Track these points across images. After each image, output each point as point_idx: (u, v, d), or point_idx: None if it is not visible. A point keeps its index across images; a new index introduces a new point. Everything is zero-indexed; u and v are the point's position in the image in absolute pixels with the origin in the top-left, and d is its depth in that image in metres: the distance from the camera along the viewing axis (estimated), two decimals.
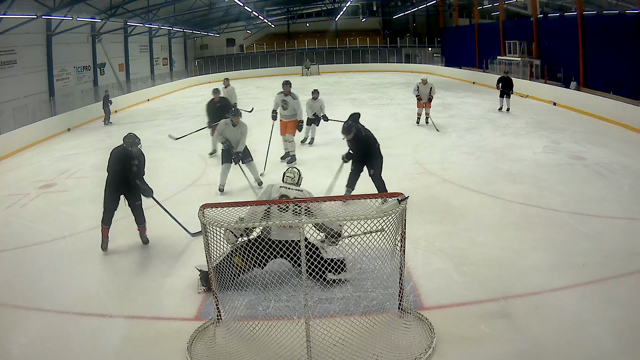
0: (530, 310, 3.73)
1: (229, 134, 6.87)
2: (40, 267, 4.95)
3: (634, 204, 5.92)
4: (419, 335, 3.42)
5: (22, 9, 12.94)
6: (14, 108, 13.13)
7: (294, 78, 28.37)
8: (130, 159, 5.11)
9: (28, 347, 3.58)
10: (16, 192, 7.84)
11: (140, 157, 5.21)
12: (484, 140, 9.98)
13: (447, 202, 6.32)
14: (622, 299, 3.82)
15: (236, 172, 7.13)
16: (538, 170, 7.57)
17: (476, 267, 4.46)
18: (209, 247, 3.47)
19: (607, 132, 10.61)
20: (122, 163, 5.04)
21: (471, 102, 15.85)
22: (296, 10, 32.99)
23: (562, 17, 18.31)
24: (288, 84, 8.49)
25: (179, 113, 16.50)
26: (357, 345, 3.25)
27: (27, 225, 6.27)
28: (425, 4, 27.90)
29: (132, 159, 5.12)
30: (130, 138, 5.13)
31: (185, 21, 26.05)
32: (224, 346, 3.41)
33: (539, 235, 5.12)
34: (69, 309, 4.06)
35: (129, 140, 5.12)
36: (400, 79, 25.12)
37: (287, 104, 8.38)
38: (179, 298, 4.17)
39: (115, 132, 13.19)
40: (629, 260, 4.45)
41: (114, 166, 5.07)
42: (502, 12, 23.20)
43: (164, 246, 5.26)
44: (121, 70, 22.56)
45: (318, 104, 9.64)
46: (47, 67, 16.42)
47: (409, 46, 34.06)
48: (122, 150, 5.11)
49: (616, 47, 14.49)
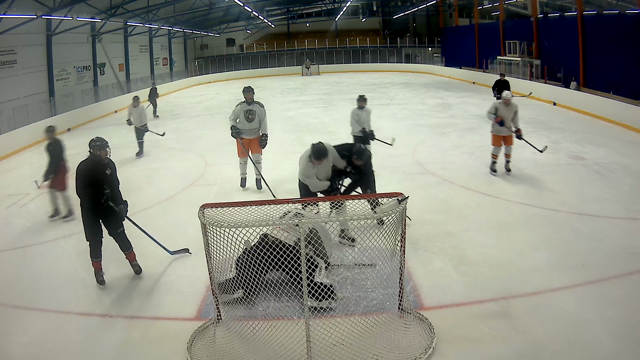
0: (530, 310, 3.72)
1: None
2: (40, 267, 4.95)
3: (634, 204, 5.92)
4: (419, 335, 3.41)
5: (22, 9, 12.94)
6: (14, 108, 13.13)
7: (294, 78, 28.48)
8: (102, 171, 4.41)
9: (28, 347, 3.57)
10: (16, 192, 7.84)
11: (111, 165, 4.55)
12: (484, 140, 9.95)
13: (447, 202, 6.32)
14: (622, 299, 3.82)
15: (238, 173, 7.13)
16: (538, 170, 7.57)
17: (476, 267, 4.46)
18: (209, 247, 3.47)
19: (607, 132, 10.60)
20: (94, 182, 4.33)
21: (471, 102, 15.85)
22: (296, 10, 33.04)
23: (562, 17, 18.31)
24: (251, 90, 6.84)
25: (179, 113, 16.49)
26: (357, 345, 3.25)
27: (27, 225, 6.27)
28: (425, 4, 27.91)
29: (104, 170, 4.42)
30: (98, 141, 4.42)
31: (185, 21, 26.06)
32: (224, 346, 3.40)
33: (539, 235, 5.12)
34: (69, 309, 4.06)
35: (96, 143, 4.40)
36: (401, 79, 25.13)
37: (253, 114, 6.79)
38: (179, 298, 4.17)
39: (115, 132, 13.20)
40: (629, 260, 4.44)
41: (86, 190, 4.32)
42: (502, 12, 23.20)
43: (165, 245, 5.25)
44: (121, 70, 22.56)
45: (367, 115, 7.51)
46: (47, 67, 16.43)
47: (409, 46, 34.10)
48: (90, 164, 4.38)
49: (616, 47, 14.48)
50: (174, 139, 11.50)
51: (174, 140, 11.43)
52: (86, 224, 4.42)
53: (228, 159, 9.28)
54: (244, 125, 6.82)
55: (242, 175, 7.25)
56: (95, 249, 4.46)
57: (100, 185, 4.35)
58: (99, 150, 4.39)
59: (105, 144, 4.44)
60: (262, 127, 6.87)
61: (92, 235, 4.43)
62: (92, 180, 4.32)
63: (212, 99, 20.24)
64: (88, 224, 4.41)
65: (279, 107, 16.50)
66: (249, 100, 6.81)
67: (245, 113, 6.79)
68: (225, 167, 8.63)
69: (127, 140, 11.70)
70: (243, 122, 6.81)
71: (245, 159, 7.06)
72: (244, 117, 6.80)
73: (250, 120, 6.80)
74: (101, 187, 4.36)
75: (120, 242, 4.58)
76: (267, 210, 3.55)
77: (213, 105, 18.37)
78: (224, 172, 8.28)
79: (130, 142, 10.26)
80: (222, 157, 9.40)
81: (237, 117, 6.82)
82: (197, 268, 4.60)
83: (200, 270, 4.52)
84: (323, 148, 4.73)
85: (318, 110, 15.35)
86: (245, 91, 6.85)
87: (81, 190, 4.34)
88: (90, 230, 4.42)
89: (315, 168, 4.84)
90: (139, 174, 8.12)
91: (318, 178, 4.91)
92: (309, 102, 17.55)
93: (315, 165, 4.80)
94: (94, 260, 4.50)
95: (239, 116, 6.81)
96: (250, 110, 6.79)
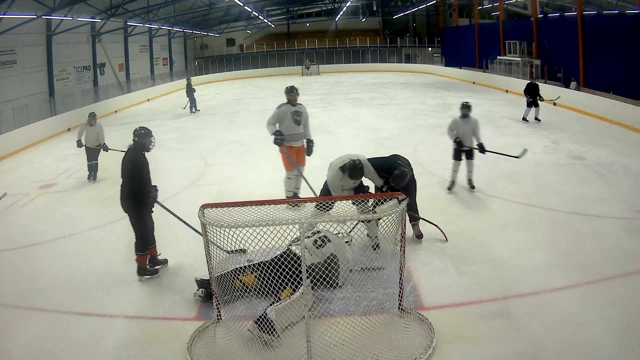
0: (530, 310, 3.73)
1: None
2: (40, 267, 4.95)
3: (634, 204, 5.92)
4: (419, 335, 3.41)
5: (22, 9, 12.94)
6: (14, 108, 13.13)
7: (294, 78, 28.48)
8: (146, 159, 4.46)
9: (28, 347, 3.57)
10: (16, 192, 7.84)
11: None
12: (484, 140, 9.97)
13: (447, 202, 6.32)
14: (622, 299, 3.82)
15: (238, 173, 7.11)
16: (538, 170, 7.57)
17: (476, 267, 4.46)
18: (208, 247, 3.47)
19: (607, 132, 10.61)
20: (148, 167, 4.39)
21: (471, 102, 15.81)
22: (296, 10, 33.05)
23: (562, 17, 18.31)
24: (295, 90, 6.04)
25: (179, 113, 16.49)
26: (357, 345, 3.25)
27: (27, 225, 6.26)
28: (425, 4, 27.92)
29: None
30: (142, 129, 4.49)
31: (185, 21, 26.06)
32: (224, 346, 3.40)
33: (539, 235, 5.12)
34: (69, 309, 4.06)
35: (141, 132, 4.45)
36: (400, 79, 25.13)
37: (300, 116, 6.00)
38: (179, 298, 4.17)
39: (115, 132, 13.20)
40: (629, 260, 4.45)
41: (146, 176, 4.34)
42: (502, 12, 23.20)
43: (164, 246, 5.25)
44: (121, 70, 22.56)
45: (473, 125, 6.65)
46: (47, 67, 16.42)
47: (409, 46, 34.11)
48: (140, 152, 4.42)
49: (616, 47, 14.49)
50: (174, 139, 11.51)
51: (174, 140, 11.44)
52: (146, 212, 4.40)
53: (228, 159, 9.31)
54: (290, 129, 5.92)
55: (295, 190, 6.19)
56: (151, 235, 4.53)
57: (149, 172, 4.44)
58: (144, 138, 4.46)
59: (150, 132, 4.52)
60: (307, 131, 6.10)
61: (151, 222, 4.51)
62: (147, 166, 4.40)
63: (212, 99, 20.25)
64: (148, 211, 4.43)
65: None
66: (294, 102, 6.03)
67: (293, 115, 5.93)
68: (225, 167, 8.64)
69: (127, 140, 11.70)
70: (290, 126, 5.91)
71: (294, 171, 6.05)
72: (292, 120, 5.92)
73: (298, 124, 5.97)
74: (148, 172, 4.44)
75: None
76: (267, 211, 3.55)
77: (213, 105, 18.38)
78: (224, 172, 8.29)
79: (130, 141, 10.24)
80: (222, 157, 9.41)
81: (282, 120, 5.91)
82: (197, 268, 4.61)
83: (200, 270, 4.54)
84: (360, 169, 4.54)
85: (318, 110, 15.34)
86: (290, 91, 6.02)
87: (139, 179, 4.33)
88: (149, 218, 4.48)
89: (343, 180, 4.67)
90: None
91: (343, 188, 4.72)
92: (309, 102, 17.49)
93: (344, 178, 4.66)
94: (150, 248, 4.53)
95: (284, 119, 5.91)
96: (298, 112, 5.98)
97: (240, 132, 12.19)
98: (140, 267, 4.55)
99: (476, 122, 6.71)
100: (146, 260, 4.57)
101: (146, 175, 4.41)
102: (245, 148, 10.22)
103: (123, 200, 4.45)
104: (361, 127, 12.04)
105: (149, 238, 4.53)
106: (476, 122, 6.71)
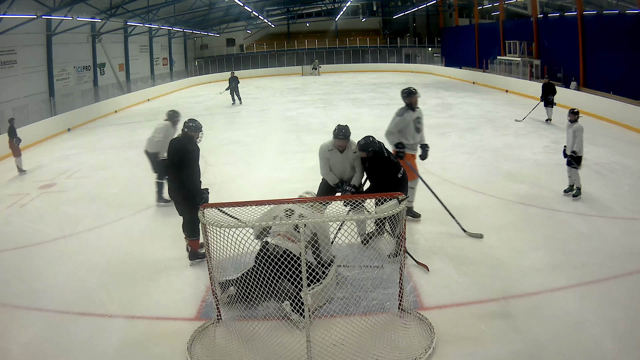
0: (530, 310, 3.72)
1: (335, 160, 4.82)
2: (40, 267, 4.95)
3: (634, 204, 5.92)
4: (419, 335, 3.41)
5: (22, 9, 12.95)
6: (14, 108, 13.12)
7: (294, 78, 28.49)
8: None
9: (28, 347, 3.57)
10: (16, 192, 7.84)
11: None
12: (484, 140, 9.98)
13: (447, 202, 6.30)
14: (622, 299, 3.82)
15: (238, 173, 7.11)
16: (538, 170, 7.57)
17: (476, 267, 4.46)
18: (208, 247, 3.47)
19: (607, 132, 10.60)
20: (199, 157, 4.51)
21: (471, 102, 15.85)
22: (296, 10, 33.06)
23: (562, 17, 18.31)
24: (415, 92, 5.37)
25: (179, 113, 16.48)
26: (357, 345, 3.25)
27: (27, 225, 6.27)
28: (425, 4, 27.91)
29: None
30: (192, 122, 4.61)
31: (185, 21, 26.06)
32: (224, 346, 3.40)
33: (539, 235, 5.11)
34: (69, 309, 4.06)
35: (192, 124, 4.57)
36: (401, 79, 25.11)
37: (420, 122, 5.42)
38: (179, 298, 4.17)
39: (115, 132, 13.22)
40: (629, 260, 4.44)
41: (198, 162, 4.45)
42: (502, 12, 23.21)
43: (164, 246, 5.26)
44: (121, 70, 22.57)
45: (574, 132, 6.16)
46: (47, 67, 16.44)
47: (409, 46, 34.10)
48: (193, 141, 4.55)
49: (616, 47, 14.48)
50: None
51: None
52: (199, 202, 4.31)
53: (228, 159, 9.30)
54: (412, 137, 5.32)
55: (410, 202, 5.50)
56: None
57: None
58: (193, 131, 4.56)
59: (200, 126, 4.65)
60: (422, 136, 5.50)
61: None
62: (198, 157, 4.50)
63: (212, 99, 20.25)
64: (200, 201, 4.37)
65: (279, 107, 16.51)
66: (415, 105, 5.37)
67: (415, 122, 5.31)
68: (225, 167, 8.63)
69: (127, 140, 11.72)
70: (412, 134, 5.32)
71: (417, 180, 5.45)
72: (414, 128, 5.32)
73: (419, 131, 5.38)
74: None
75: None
76: (267, 211, 3.55)
77: (213, 105, 18.38)
78: (224, 172, 8.28)
79: (130, 141, 10.27)
80: (222, 157, 9.40)
81: (404, 128, 5.27)
82: (197, 268, 4.61)
83: (201, 270, 4.54)
84: (344, 126, 4.55)
85: (318, 110, 15.35)
86: (409, 94, 5.32)
87: (196, 164, 4.44)
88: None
89: (332, 151, 4.59)
90: (140, 174, 8.12)
91: (331, 169, 4.68)
92: (309, 102, 17.56)
93: (334, 149, 4.56)
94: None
95: (406, 127, 5.27)
96: (419, 118, 5.36)
97: (241, 132, 12.18)
98: (193, 252, 4.66)
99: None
100: (198, 243, 4.61)
101: (197, 166, 4.51)
102: (246, 148, 10.23)
103: (172, 188, 4.59)
104: (361, 127, 11.94)
105: (197, 226, 4.46)
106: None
